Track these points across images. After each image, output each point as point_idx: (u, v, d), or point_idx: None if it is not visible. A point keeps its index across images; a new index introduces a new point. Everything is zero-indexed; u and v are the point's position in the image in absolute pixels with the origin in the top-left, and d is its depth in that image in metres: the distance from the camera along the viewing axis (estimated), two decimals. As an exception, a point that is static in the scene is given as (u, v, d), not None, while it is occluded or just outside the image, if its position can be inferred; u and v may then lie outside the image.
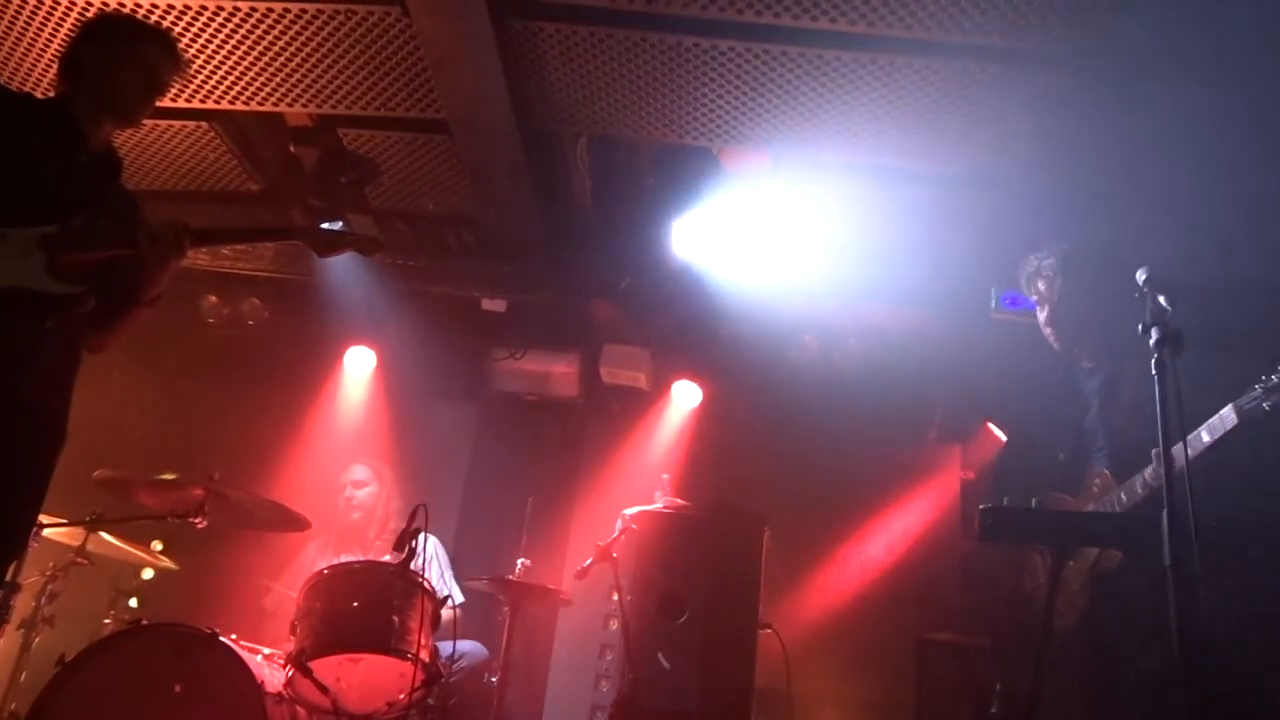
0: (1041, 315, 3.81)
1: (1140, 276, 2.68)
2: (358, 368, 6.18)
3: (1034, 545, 3.59)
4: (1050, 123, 3.96)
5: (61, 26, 3.91)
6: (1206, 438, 2.98)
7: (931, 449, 6.20)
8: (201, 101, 4.37)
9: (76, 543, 4.14)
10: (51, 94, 2.88)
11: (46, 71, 4.14)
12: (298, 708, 3.76)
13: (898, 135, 4.15)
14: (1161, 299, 2.61)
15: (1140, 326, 2.61)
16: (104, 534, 4.18)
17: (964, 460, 6.16)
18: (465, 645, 4.37)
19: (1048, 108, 3.89)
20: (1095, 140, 4.01)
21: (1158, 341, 2.54)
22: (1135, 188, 4.13)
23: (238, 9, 3.83)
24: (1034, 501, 3.13)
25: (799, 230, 5.01)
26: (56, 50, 3.92)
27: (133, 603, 4.31)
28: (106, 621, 4.20)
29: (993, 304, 5.00)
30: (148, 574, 4.46)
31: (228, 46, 4.02)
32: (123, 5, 3.81)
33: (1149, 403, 2.56)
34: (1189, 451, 2.51)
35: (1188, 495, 2.37)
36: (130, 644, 3.64)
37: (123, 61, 2.78)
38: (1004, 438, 5.96)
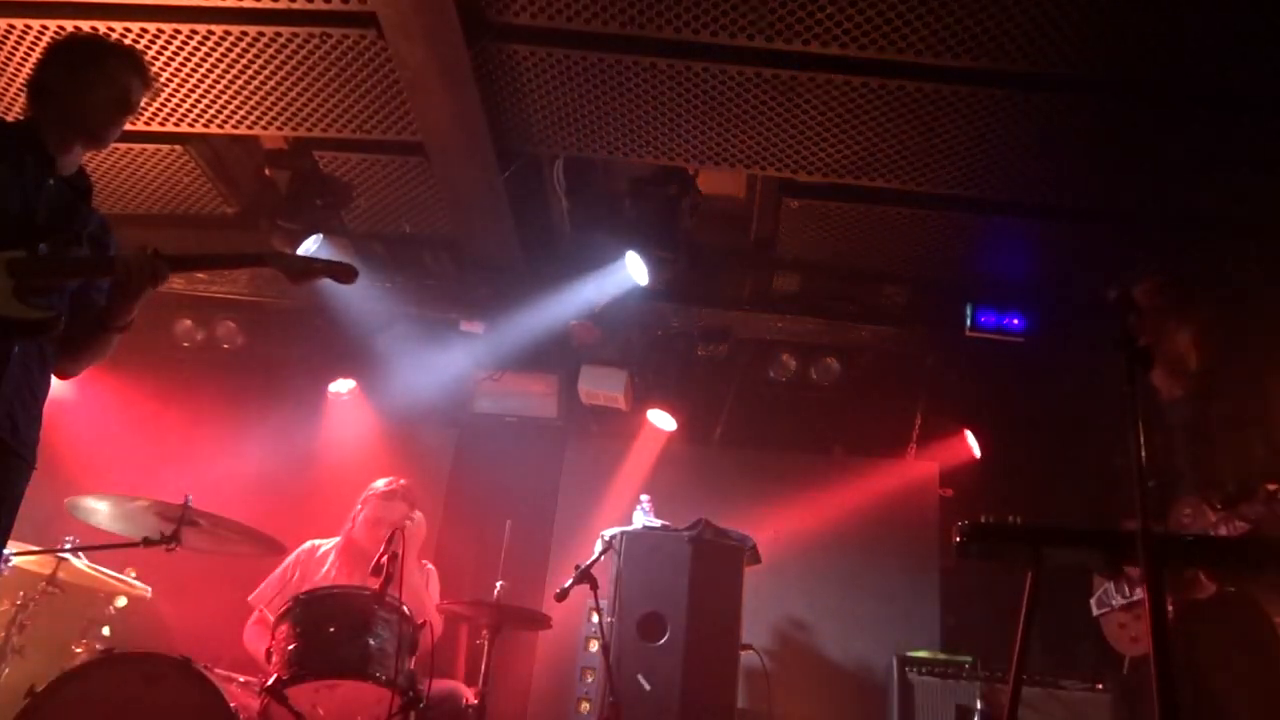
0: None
1: (1110, 294, 2.70)
2: (335, 390, 6.17)
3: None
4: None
5: (33, 52, 3.89)
6: None
7: (911, 467, 6.22)
8: (175, 125, 4.36)
9: (47, 571, 4.08)
10: (21, 118, 2.85)
11: (18, 97, 4.11)
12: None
13: (864, 152, 4.19)
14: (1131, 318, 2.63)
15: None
16: (76, 561, 4.12)
17: (943, 478, 6.19)
18: (444, 687, 4.23)
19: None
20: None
21: (1128, 359, 2.55)
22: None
23: (211, 32, 3.82)
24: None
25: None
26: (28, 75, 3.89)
27: (105, 631, 4.26)
28: (78, 650, 4.14)
29: (968, 322, 5.04)
30: (121, 601, 4.40)
31: (202, 70, 4.01)
32: (95, 28, 3.79)
33: None
34: None
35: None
36: (102, 673, 3.57)
37: (90, 82, 2.76)
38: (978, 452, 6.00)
